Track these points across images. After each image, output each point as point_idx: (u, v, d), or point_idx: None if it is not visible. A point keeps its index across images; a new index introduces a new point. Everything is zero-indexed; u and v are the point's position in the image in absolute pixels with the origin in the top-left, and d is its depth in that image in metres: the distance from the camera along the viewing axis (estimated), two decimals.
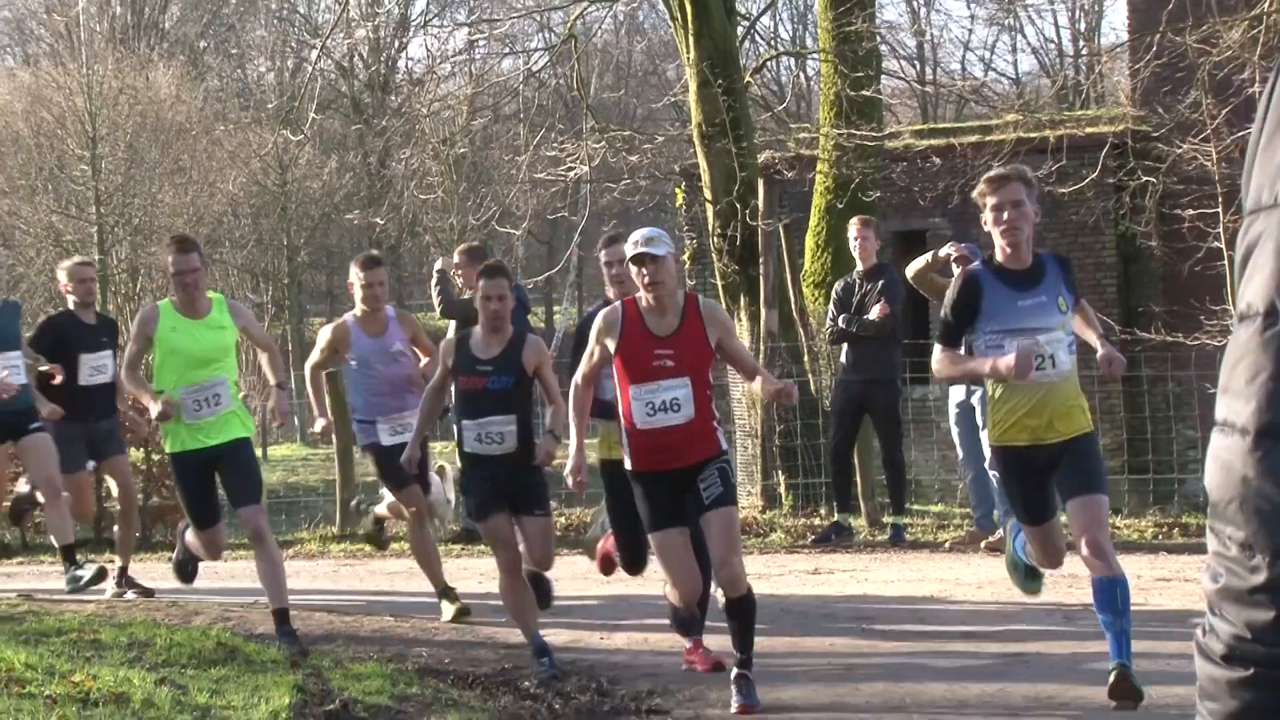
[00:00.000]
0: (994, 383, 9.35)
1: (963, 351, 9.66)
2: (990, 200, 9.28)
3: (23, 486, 15.36)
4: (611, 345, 9.62)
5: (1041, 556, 9.61)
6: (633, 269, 9.67)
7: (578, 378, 9.89)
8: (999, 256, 9.39)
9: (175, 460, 11.94)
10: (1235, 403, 2.23)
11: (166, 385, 11.63)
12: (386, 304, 13.00)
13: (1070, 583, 11.89)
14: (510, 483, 10.77)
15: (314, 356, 13.05)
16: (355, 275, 12.80)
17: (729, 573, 9.41)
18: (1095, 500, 9.19)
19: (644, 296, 9.61)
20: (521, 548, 11.02)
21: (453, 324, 17.40)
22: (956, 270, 14.56)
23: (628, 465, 9.82)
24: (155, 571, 15.17)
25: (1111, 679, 8.91)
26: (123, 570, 14.28)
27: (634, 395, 9.51)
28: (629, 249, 9.71)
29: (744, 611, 9.50)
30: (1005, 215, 9.24)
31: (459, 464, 11.39)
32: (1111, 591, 9.00)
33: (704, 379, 9.57)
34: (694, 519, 9.70)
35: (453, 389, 11.03)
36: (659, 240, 9.58)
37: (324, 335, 13.11)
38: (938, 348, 9.55)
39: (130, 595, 13.93)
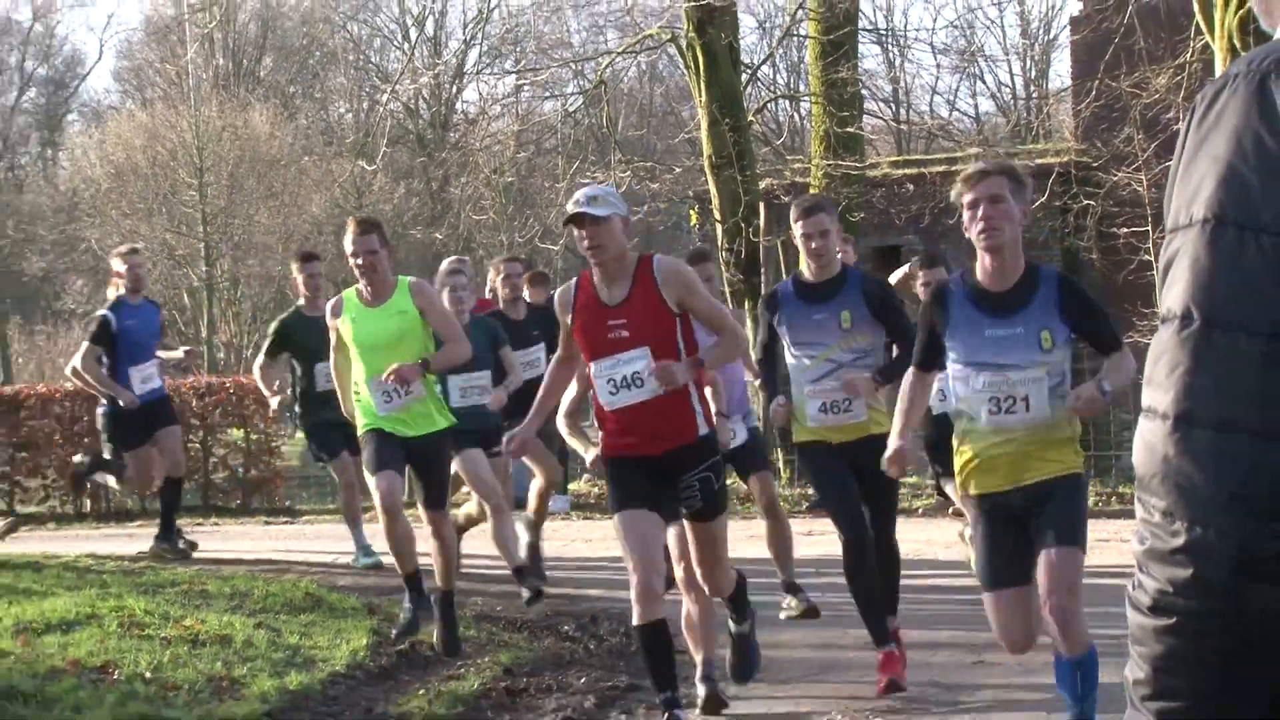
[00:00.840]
0: (957, 426, 7.00)
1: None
2: (967, 197, 6.69)
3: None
4: (569, 320, 7.61)
5: (1000, 632, 6.94)
6: (574, 232, 7.52)
7: (556, 356, 7.89)
8: (979, 270, 6.81)
9: (365, 434, 9.59)
10: (1157, 392, 2.24)
11: (359, 377, 9.54)
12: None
13: None
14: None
15: None
16: None
17: (712, 585, 7.88)
18: (1067, 554, 6.63)
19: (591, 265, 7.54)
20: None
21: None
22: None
23: (600, 450, 7.79)
24: (254, 533, 15.20)
25: None
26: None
27: (595, 373, 7.45)
28: (569, 208, 7.54)
29: (736, 605, 8.21)
30: (981, 212, 6.61)
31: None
32: (1070, 673, 6.79)
33: (669, 348, 7.37)
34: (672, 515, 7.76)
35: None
36: (603, 200, 7.47)
37: None
38: (909, 370, 7.26)
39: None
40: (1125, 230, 22.90)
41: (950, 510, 14.78)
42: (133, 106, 52.99)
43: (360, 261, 9.40)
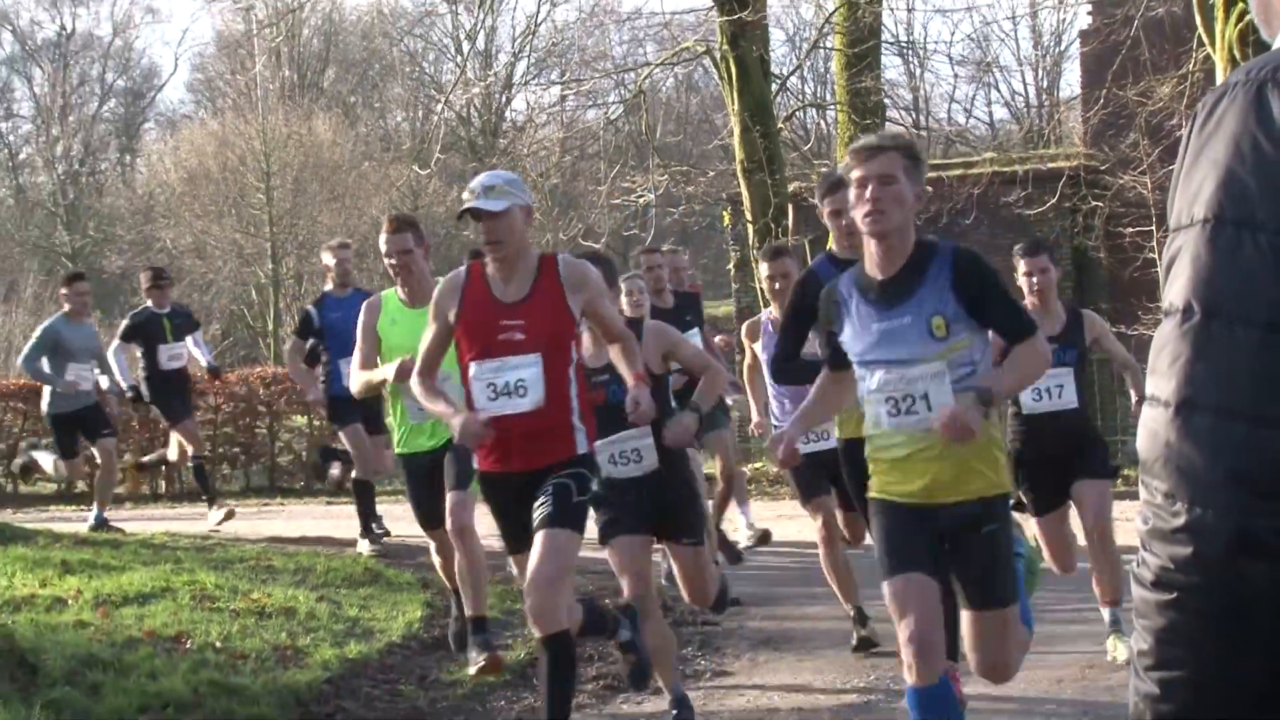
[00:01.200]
0: (865, 423, 5.69)
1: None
2: (855, 173, 5.42)
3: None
4: (451, 315, 6.40)
5: (899, 615, 5.55)
6: (473, 224, 6.44)
7: (419, 363, 6.58)
8: (866, 257, 5.57)
9: (401, 460, 8.78)
10: (1160, 381, 2.24)
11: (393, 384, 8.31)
12: None
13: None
14: (651, 505, 7.11)
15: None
16: (761, 268, 9.07)
17: (537, 602, 6.13)
18: (998, 616, 5.67)
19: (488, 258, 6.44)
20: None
21: None
22: None
23: (474, 464, 6.62)
24: (317, 513, 15.21)
25: None
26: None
27: (474, 374, 6.30)
28: (464, 197, 6.36)
29: (556, 659, 6.20)
30: (870, 192, 5.36)
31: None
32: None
33: (562, 357, 6.32)
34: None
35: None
36: (501, 190, 6.28)
37: (745, 328, 9.63)
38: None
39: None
40: (1131, 230, 22.82)
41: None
42: (205, 116, 53.22)
43: (394, 261, 8.33)
